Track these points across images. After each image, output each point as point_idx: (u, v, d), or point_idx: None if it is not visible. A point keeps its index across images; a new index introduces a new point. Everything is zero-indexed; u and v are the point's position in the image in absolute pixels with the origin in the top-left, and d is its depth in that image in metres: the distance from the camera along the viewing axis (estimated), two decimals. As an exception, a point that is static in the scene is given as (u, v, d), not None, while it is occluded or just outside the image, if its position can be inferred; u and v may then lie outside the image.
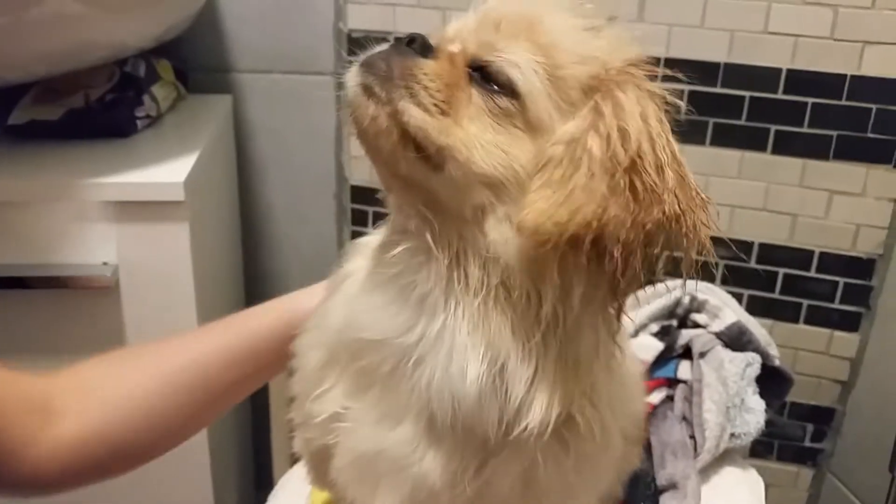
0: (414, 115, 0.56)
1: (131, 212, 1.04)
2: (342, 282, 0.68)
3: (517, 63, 0.56)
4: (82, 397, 0.72)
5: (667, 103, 0.57)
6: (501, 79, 0.56)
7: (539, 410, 0.57)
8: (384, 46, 0.59)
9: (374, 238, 0.67)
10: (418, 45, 0.58)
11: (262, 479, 1.56)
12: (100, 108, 1.18)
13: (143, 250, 1.06)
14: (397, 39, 0.59)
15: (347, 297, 0.66)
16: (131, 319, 1.09)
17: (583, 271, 0.55)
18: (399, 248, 0.61)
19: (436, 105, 0.56)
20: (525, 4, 0.59)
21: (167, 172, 1.06)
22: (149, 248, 1.06)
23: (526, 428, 0.58)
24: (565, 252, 0.54)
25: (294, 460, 1.09)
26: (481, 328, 0.58)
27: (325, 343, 0.67)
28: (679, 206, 0.53)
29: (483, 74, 0.57)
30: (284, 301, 0.83)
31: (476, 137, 0.56)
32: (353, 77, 0.58)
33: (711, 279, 1.38)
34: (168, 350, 0.79)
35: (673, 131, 0.56)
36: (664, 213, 0.53)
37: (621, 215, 0.52)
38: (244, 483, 1.51)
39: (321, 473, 0.73)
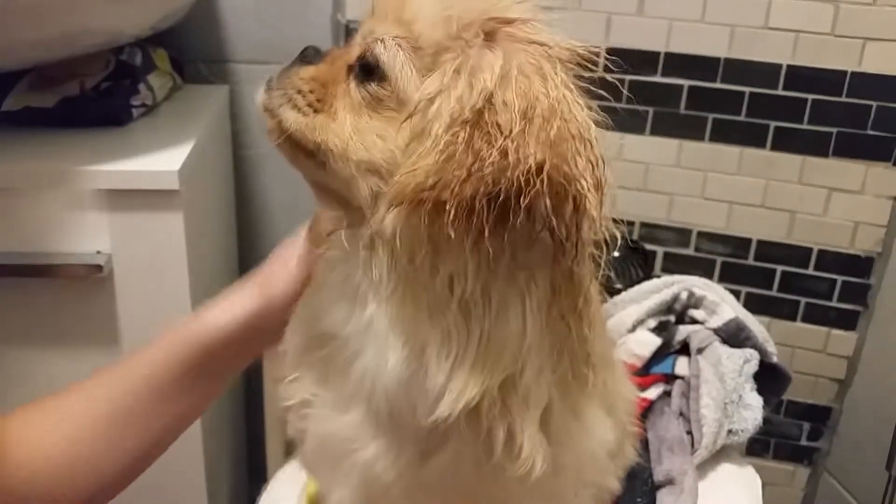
0: (289, 119, 0.59)
1: (125, 200, 1.03)
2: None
3: (381, 41, 0.56)
4: (22, 435, 0.68)
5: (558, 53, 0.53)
6: (372, 63, 0.56)
7: (451, 396, 0.55)
8: (289, 63, 0.62)
9: None
10: (310, 55, 0.62)
11: (255, 471, 1.55)
12: (95, 96, 1.16)
13: (137, 239, 1.05)
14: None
15: (317, 288, 0.67)
16: (125, 309, 1.08)
17: (469, 241, 0.51)
18: (327, 245, 0.63)
19: (309, 105, 0.58)
20: None
21: (162, 161, 1.05)
22: (143, 237, 1.05)
23: (440, 415, 0.56)
24: (429, 219, 0.50)
25: (288, 452, 1.09)
26: (399, 316, 0.57)
27: (300, 331, 0.68)
28: (539, 157, 0.48)
29: (361, 64, 0.58)
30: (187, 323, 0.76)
31: (350, 127, 0.57)
32: (258, 97, 0.62)
33: (710, 275, 1.38)
34: (113, 374, 0.73)
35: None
36: (504, 161, 0.48)
37: (460, 172, 0.48)
38: (237, 475, 1.50)
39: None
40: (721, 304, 1.14)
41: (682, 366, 1.10)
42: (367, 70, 0.57)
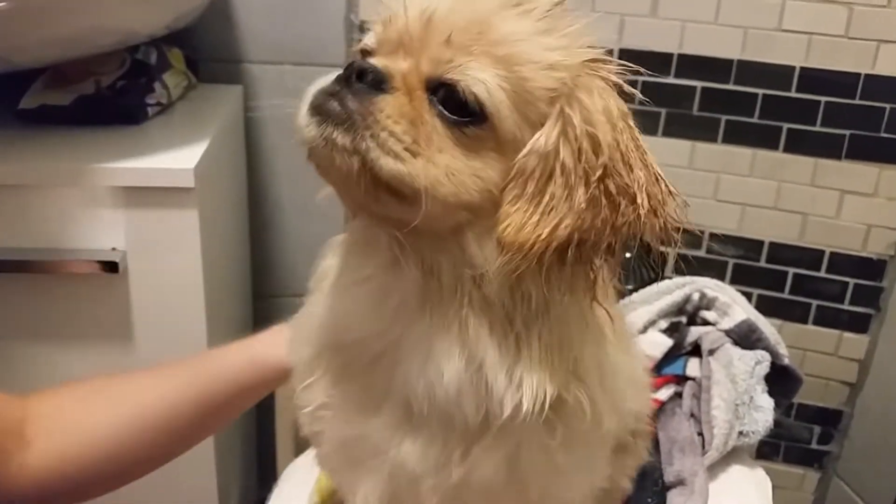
0: (387, 166, 0.53)
1: (141, 198, 1.04)
2: (321, 280, 0.69)
3: (483, 81, 0.54)
4: (51, 428, 0.74)
5: (624, 92, 0.57)
6: (469, 99, 0.54)
7: (530, 393, 0.58)
8: (329, 81, 0.56)
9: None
10: (371, 80, 0.55)
11: (265, 470, 1.56)
12: (110, 94, 1.17)
13: (151, 236, 1.06)
14: (343, 72, 0.56)
15: (326, 298, 0.67)
16: (139, 305, 1.08)
17: (563, 271, 0.56)
18: (366, 261, 0.62)
19: (406, 149, 0.54)
20: (463, 3, 0.56)
21: (177, 159, 1.06)
22: (158, 234, 1.06)
23: (519, 412, 0.58)
24: (546, 261, 0.54)
25: (298, 451, 1.09)
26: (458, 333, 0.58)
27: (311, 340, 0.68)
28: (651, 202, 0.55)
29: (444, 94, 0.55)
30: (250, 344, 0.85)
31: (448, 169, 0.54)
32: (309, 127, 0.55)
33: (721, 277, 1.37)
34: (139, 385, 0.81)
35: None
36: (639, 213, 0.54)
37: (600, 223, 0.54)
38: (248, 475, 1.51)
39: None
40: (733, 305, 1.13)
41: (693, 367, 1.10)
42: (458, 106, 0.54)
